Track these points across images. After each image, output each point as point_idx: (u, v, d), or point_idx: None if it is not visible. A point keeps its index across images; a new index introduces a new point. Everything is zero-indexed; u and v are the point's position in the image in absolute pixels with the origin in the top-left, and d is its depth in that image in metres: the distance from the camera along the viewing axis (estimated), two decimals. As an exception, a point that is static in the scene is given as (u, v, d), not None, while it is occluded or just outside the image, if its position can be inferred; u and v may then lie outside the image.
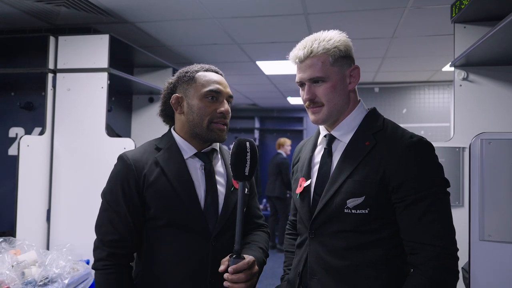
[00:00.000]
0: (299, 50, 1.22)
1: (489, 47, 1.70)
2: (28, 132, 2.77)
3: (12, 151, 2.77)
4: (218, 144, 1.38)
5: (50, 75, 2.49)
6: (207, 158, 1.32)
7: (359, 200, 1.11)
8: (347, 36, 1.24)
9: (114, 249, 1.22)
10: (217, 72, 1.36)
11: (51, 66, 2.49)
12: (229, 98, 1.34)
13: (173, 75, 1.40)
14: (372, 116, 1.24)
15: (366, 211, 1.11)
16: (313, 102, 1.21)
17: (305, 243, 1.24)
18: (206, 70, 1.34)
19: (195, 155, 1.31)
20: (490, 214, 1.28)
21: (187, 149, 1.31)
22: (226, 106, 1.30)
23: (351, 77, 1.22)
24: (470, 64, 1.99)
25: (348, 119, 1.22)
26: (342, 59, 1.20)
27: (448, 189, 1.12)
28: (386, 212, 1.12)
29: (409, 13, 2.54)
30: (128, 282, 1.24)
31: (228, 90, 1.34)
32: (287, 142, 6.57)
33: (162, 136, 1.37)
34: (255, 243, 1.37)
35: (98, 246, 1.24)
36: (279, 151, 6.51)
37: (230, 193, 1.32)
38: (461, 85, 2.03)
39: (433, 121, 4.93)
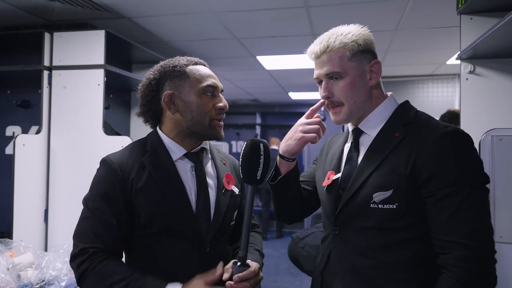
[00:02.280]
0: (315, 45, 1.17)
1: (498, 39, 1.63)
2: (25, 130, 2.73)
3: (9, 150, 2.73)
4: (208, 142, 1.31)
5: (45, 72, 2.45)
6: (197, 159, 1.24)
7: (387, 194, 1.04)
8: (369, 31, 1.18)
9: (96, 252, 1.11)
10: (204, 65, 1.29)
11: (46, 63, 2.45)
12: (221, 91, 1.27)
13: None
14: (404, 108, 1.17)
15: (394, 206, 1.03)
16: (332, 102, 1.15)
17: (328, 239, 1.19)
18: (195, 64, 1.26)
19: (185, 156, 1.23)
20: (501, 214, 1.23)
21: (176, 150, 1.22)
22: (224, 101, 1.24)
23: (371, 73, 1.15)
24: (477, 56, 1.93)
25: (376, 112, 1.16)
26: (361, 54, 1.14)
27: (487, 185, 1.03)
28: (415, 208, 1.03)
29: (413, 5, 2.47)
30: (123, 263, 1.14)
31: (220, 83, 1.28)
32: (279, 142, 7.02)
33: (147, 136, 1.28)
34: (252, 245, 1.32)
35: (77, 254, 1.11)
36: (274, 147, 6.79)
37: (221, 195, 1.25)
38: (467, 79, 1.97)
39: (437, 115, 4.85)
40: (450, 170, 1.00)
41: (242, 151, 1.11)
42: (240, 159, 1.10)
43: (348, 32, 1.14)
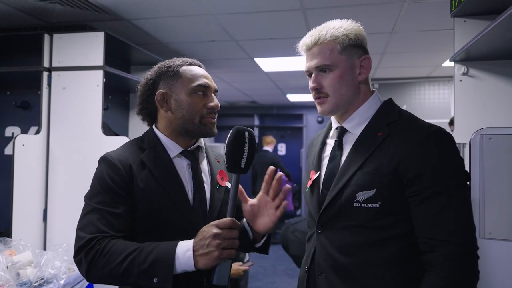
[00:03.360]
0: (307, 37, 1.19)
1: (490, 41, 1.67)
2: (25, 131, 2.75)
3: (8, 150, 2.75)
4: (203, 141, 1.34)
5: (45, 74, 2.47)
6: (193, 157, 1.28)
7: (370, 193, 1.05)
8: (361, 27, 1.19)
9: (104, 237, 1.10)
10: (199, 66, 1.32)
11: (46, 64, 2.47)
12: (215, 92, 1.30)
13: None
14: (387, 106, 1.18)
15: (377, 205, 1.05)
16: (318, 91, 1.16)
17: (313, 238, 1.20)
18: (190, 64, 1.29)
19: (181, 153, 1.26)
20: (490, 211, 1.26)
21: (172, 148, 1.26)
22: (215, 101, 1.27)
23: (361, 68, 1.16)
24: (470, 58, 1.96)
25: (360, 111, 1.17)
26: (351, 48, 1.15)
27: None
28: (398, 207, 1.05)
29: (408, 8, 2.51)
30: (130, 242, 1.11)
31: (214, 84, 1.30)
32: (274, 141, 6.93)
33: (144, 135, 1.30)
34: None
35: (83, 245, 1.10)
36: (267, 148, 6.66)
37: (216, 191, 1.28)
38: (461, 80, 2.00)
39: (433, 117, 4.90)
40: (435, 170, 1.02)
41: (227, 139, 1.11)
42: (225, 147, 1.11)
43: (339, 26, 1.16)
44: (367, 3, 2.44)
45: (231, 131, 1.11)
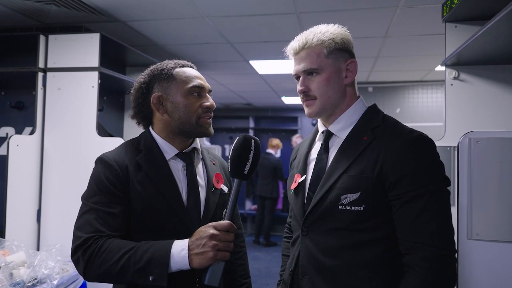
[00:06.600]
0: (295, 42, 1.21)
1: (479, 46, 1.70)
2: (19, 131, 2.75)
3: (2, 151, 2.74)
4: (199, 143, 1.36)
5: (40, 74, 2.48)
6: (188, 159, 1.29)
7: (354, 196, 1.07)
8: (348, 31, 1.22)
9: (101, 237, 1.12)
10: (192, 67, 1.33)
11: (41, 65, 2.48)
12: (209, 92, 1.32)
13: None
14: (372, 112, 1.21)
15: (361, 208, 1.07)
16: (306, 95, 1.19)
17: (297, 241, 1.21)
18: (182, 66, 1.31)
19: (177, 155, 1.28)
20: (478, 213, 1.28)
21: (168, 150, 1.27)
22: (211, 100, 1.28)
23: (347, 71, 1.19)
24: (461, 63, 2.00)
25: (346, 114, 1.20)
26: (337, 52, 1.17)
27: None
28: (382, 210, 1.08)
29: (401, 12, 2.55)
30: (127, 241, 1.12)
31: (208, 84, 1.32)
32: (280, 144, 6.81)
33: (140, 136, 1.32)
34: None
35: (80, 245, 1.11)
36: (270, 151, 6.61)
37: (211, 193, 1.29)
38: (452, 84, 2.04)
39: (427, 120, 4.95)
40: (415, 174, 1.05)
41: (233, 145, 1.14)
42: (230, 153, 1.14)
43: (326, 30, 1.19)
44: (360, 7, 2.47)
45: (238, 137, 1.14)
